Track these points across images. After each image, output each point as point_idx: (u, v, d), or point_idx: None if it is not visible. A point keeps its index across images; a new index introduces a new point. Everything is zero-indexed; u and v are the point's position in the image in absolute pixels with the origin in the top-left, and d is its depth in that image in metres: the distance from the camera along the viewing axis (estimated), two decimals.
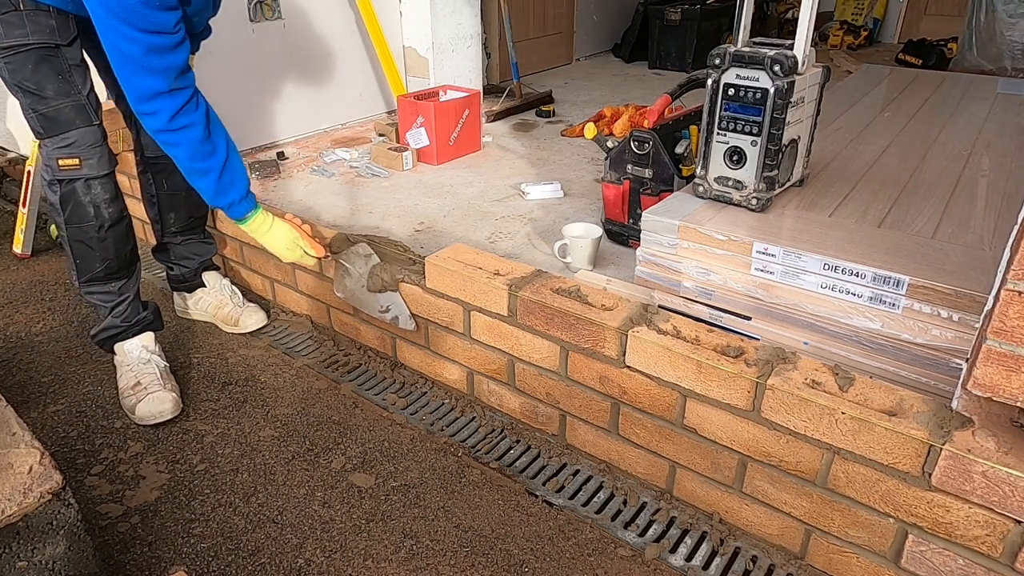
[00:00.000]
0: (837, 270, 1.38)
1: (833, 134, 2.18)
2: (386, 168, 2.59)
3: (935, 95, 2.70)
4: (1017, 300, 0.92)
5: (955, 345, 1.28)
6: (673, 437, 1.36)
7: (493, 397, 1.66)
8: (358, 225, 2.12)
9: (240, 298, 2.04)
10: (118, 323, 1.72)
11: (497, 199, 2.33)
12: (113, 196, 1.61)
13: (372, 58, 3.10)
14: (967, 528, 1.04)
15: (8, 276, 2.34)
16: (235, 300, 2.02)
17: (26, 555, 1.04)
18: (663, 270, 1.61)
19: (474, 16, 3.24)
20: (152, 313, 1.79)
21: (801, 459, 1.19)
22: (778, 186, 1.61)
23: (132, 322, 1.73)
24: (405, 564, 1.28)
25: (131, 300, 1.73)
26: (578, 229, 1.85)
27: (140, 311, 1.76)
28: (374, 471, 1.50)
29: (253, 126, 2.77)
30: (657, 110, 1.85)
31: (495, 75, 3.95)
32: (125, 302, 1.71)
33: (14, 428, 1.16)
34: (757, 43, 1.55)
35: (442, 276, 1.60)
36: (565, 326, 1.42)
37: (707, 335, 1.31)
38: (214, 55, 2.52)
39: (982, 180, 1.79)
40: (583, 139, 2.90)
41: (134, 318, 1.73)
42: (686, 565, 1.28)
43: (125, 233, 1.67)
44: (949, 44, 4.36)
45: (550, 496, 1.44)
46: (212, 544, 1.32)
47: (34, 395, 1.74)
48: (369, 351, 1.90)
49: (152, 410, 1.61)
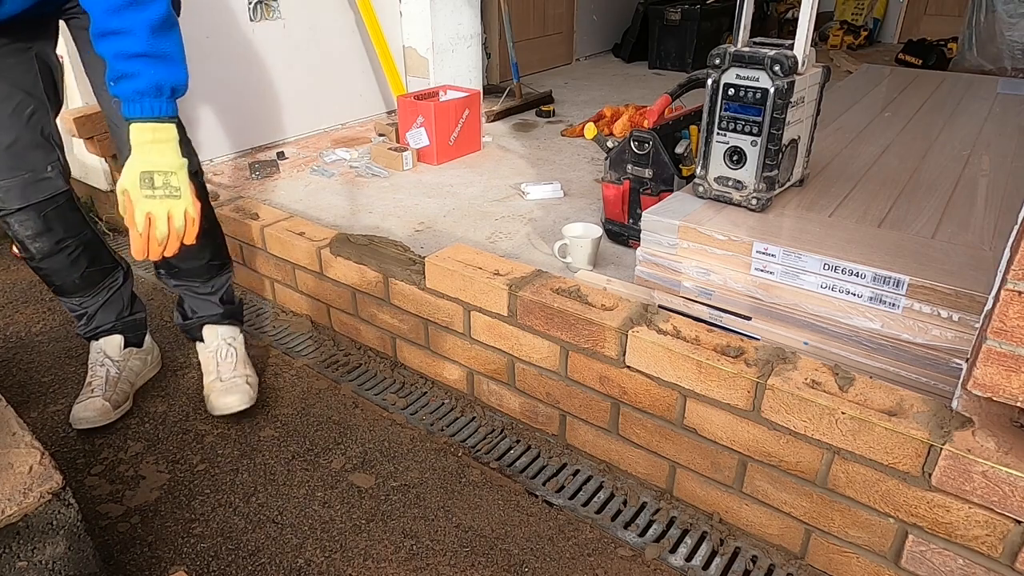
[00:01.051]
0: (837, 270, 1.38)
1: (833, 134, 2.18)
2: (386, 168, 2.59)
3: (935, 95, 2.70)
4: (1017, 300, 0.92)
5: (955, 345, 1.28)
6: (673, 437, 1.36)
7: (493, 397, 1.66)
8: (358, 225, 2.12)
9: (231, 367, 1.69)
10: (80, 325, 1.69)
11: (497, 199, 2.33)
12: (39, 231, 1.43)
13: (372, 58, 3.10)
14: (967, 528, 1.04)
15: (8, 276, 2.34)
16: (222, 370, 1.68)
17: (26, 555, 1.04)
18: (663, 270, 1.61)
19: (474, 16, 3.24)
20: (124, 323, 1.71)
21: (801, 459, 1.19)
22: (778, 186, 1.61)
23: (93, 328, 1.68)
24: (405, 564, 1.28)
25: (95, 311, 1.65)
26: (578, 229, 1.85)
27: (109, 319, 1.68)
28: (374, 471, 1.50)
29: (253, 126, 2.77)
30: (657, 110, 1.85)
31: (495, 75, 3.95)
32: (85, 316, 1.66)
33: (14, 428, 1.16)
34: (757, 43, 1.55)
35: (442, 276, 1.60)
36: (565, 326, 1.42)
37: (707, 335, 1.31)
38: (214, 55, 2.52)
39: (982, 180, 1.79)
40: (583, 139, 2.90)
41: (98, 326, 1.68)
42: (686, 565, 1.28)
43: (69, 263, 1.53)
44: (949, 44, 4.36)
45: (550, 496, 1.44)
46: (212, 544, 1.32)
47: (34, 395, 1.74)
48: (369, 351, 1.90)
49: (76, 414, 1.59)
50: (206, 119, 2.60)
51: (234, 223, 2.05)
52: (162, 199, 1.18)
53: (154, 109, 1.17)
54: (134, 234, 1.19)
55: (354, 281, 1.82)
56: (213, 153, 2.67)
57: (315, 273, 1.91)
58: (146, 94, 1.15)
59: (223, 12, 2.55)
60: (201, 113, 2.57)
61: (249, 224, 2.00)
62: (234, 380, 1.65)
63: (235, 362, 1.69)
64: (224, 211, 2.07)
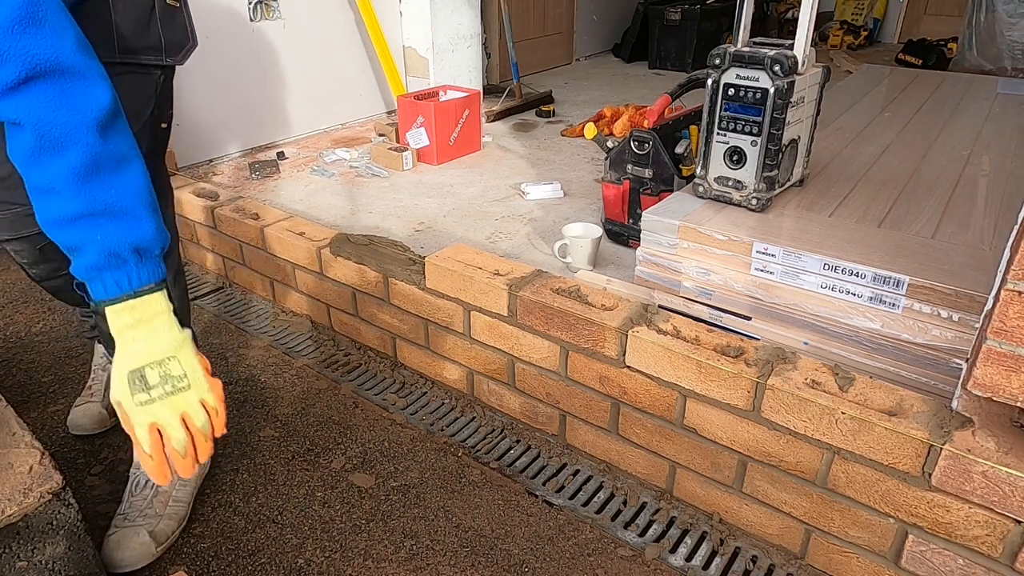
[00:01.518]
0: (837, 270, 1.38)
1: (833, 134, 2.18)
2: (386, 168, 2.59)
3: (935, 95, 2.70)
4: (1017, 300, 0.92)
5: (955, 345, 1.29)
6: (673, 437, 1.36)
7: (493, 397, 1.66)
8: (358, 225, 2.12)
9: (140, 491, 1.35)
10: (86, 330, 1.67)
11: (497, 199, 2.33)
12: (36, 260, 1.30)
13: (372, 58, 3.11)
14: (967, 528, 1.04)
15: (8, 276, 2.34)
16: (132, 502, 1.34)
17: (26, 555, 1.04)
18: (663, 270, 1.61)
19: (474, 16, 3.24)
20: None
21: (801, 459, 1.19)
22: (778, 186, 1.61)
23: (97, 332, 1.66)
24: (405, 564, 1.28)
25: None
26: (578, 229, 1.85)
27: None
28: (374, 471, 1.50)
29: (253, 126, 2.78)
30: (657, 110, 1.85)
31: (495, 75, 3.95)
32: (89, 322, 1.66)
33: (14, 428, 1.16)
34: (757, 43, 1.55)
35: (442, 276, 1.60)
36: (565, 326, 1.42)
37: (707, 335, 1.31)
38: (214, 55, 2.52)
39: (982, 180, 1.79)
40: (583, 139, 2.90)
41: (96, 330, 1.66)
42: (686, 565, 1.28)
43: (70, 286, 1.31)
44: (949, 44, 4.36)
45: (550, 496, 1.44)
46: (212, 544, 1.32)
47: (34, 395, 1.74)
48: (369, 351, 1.90)
49: (73, 419, 1.58)
50: (206, 119, 2.60)
51: (234, 223, 2.05)
52: (164, 398, 0.88)
53: (121, 284, 0.87)
54: (142, 455, 0.88)
55: (354, 281, 1.82)
56: (213, 153, 2.67)
57: (315, 273, 1.91)
58: (103, 267, 0.86)
59: (223, 12, 2.55)
60: (201, 113, 2.57)
61: (249, 224, 2.00)
62: (136, 525, 1.26)
63: (151, 496, 1.30)
64: (224, 211, 2.07)
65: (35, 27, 0.78)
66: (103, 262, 0.86)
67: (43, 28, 0.79)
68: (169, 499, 1.33)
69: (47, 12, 0.80)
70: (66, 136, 0.81)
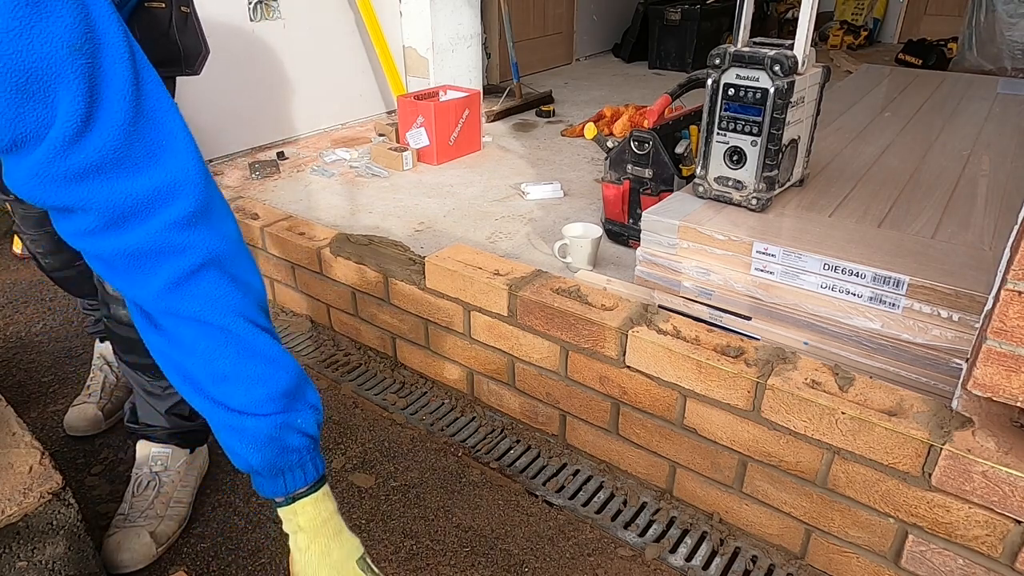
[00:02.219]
0: (837, 270, 1.38)
1: (833, 134, 2.18)
2: (386, 168, 2.59)
3: (935, 95, 2.70)
4: (1017, 300, 0.92)
5: (955, 345, 1.28)
6: (673, 437, 1.36)
7: (493, 397, 1.66)
8: (358, 225, 2.12)
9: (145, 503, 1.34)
10: (89, 324, 1.68)
11: (497, 199, 2.33)
12: (51, 250, 1.40)
13: (372, 58, 3.11)
14: (967, 528, 1.04)
15: (8, 276, 2.34)
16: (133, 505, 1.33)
17: (26, 555, 1.04)
18: (663, 270, 1.61)
19: (474, 16, 3.24)
20: None
21: (801, 459, 1.19)
22: (778, 186, 1.61)
23: (100, 329, 1.68)
24: (405, 564, 1.28)
25: None
26: (578, 229, 1.85)
27: None
28: (374, 471, 1.50)
29: (253, 126, 2.78)
30: (657, 110, 1.85)
31: (495, 75, 3.95)
32: (94, 316, 1.66)
33: (14, 428, 1.16)
34: (757, 43, 1.55)
35: (442, 276, 1.60)
36: (565, 326, 1.42)
37: (707, 335, 1.31)
38: (214, 55, 2.52)
39: (982, 180, 1.79)
40: (583, 139, 2.90)
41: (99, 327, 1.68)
42: (686, 565, 1.28)
43: (81, 277, 1.48)
44: (949, 44, 4.36)
45: (550, 496, 1.44)
46: (212, 544, 1.32)
47: (34, 395, 1.74)
48: (369, 351, 1.90)
49: (69, 421, 1.58)
50: (206, 119, 2.60)
51: None
52: None
53: (308, 474, 0.86)
54: None
55: (354, 281, 1.82)
56: (213, 153, 2.67)
57: (315, 273, 1.92)
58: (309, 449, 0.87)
59: (223, 12, 2.55)
60: (201, 113, 2.57)
61: (249, 224, 2.00)
62: (137, 526, 1.28)
63: (153, 498, 1.33)
64: None
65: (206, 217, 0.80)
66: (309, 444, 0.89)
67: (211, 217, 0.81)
68: (170, 500, 1.34)
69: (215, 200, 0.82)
70: None
